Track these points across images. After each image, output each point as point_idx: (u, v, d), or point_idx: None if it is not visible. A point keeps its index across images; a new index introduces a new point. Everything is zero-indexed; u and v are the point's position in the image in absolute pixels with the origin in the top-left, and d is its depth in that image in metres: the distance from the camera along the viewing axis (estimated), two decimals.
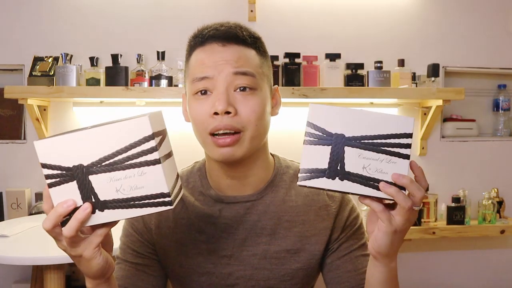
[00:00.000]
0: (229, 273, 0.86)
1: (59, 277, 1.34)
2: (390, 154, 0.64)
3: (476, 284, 2.23)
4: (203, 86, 0.78)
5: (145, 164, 0.60)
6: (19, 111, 1.99)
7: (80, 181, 0.61)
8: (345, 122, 0.64)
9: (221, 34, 0.80)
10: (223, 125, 0.76)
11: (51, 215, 0.61)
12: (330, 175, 0.64)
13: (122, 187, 0.60)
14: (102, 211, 0.61)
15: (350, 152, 0.64)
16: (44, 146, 0.62)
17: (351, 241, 0.88)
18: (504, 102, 2.21)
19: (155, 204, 0.61)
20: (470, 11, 2.15)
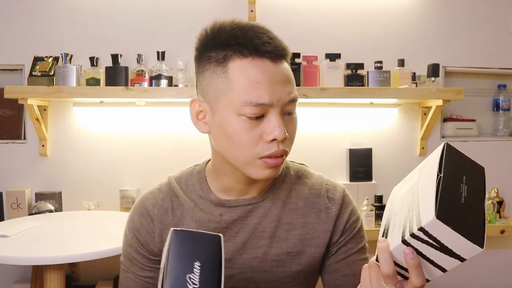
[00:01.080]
0: (229, 276, 0.85)
1: (59, 277, 1.34)
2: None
3: (476, 284, 2.23)
4: (260, 112, 0.74)
5: None
6: (19, 111, 1.99)
7: None
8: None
9: (275, 50, 0.75)
10: (280, 152, 0.76)
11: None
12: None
13: None
14: None
15: None
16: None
17: (350, 245, 0.88)
18: (504, 102, 2.20)
19: None
20: (470, 11, 2.15)
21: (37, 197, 1.92)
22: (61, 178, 1.97)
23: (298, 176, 0.90)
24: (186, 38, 1.97)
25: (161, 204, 0.87)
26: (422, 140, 2.10)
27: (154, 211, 0.87)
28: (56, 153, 1.97)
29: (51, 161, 1.97)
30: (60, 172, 1.97)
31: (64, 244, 1.33)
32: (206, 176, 0.88)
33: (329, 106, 1.99)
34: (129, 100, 1.82)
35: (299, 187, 0.89)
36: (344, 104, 1.99)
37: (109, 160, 1.98)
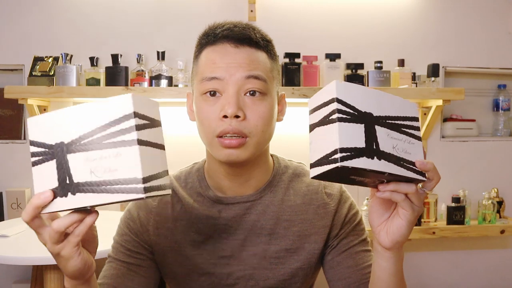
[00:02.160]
0: (228, 273, 0.86)
1: (59, 277, 1.34)
2: (409, 135, 0.64)
3: (476, 284, 2.23)
4: (213, 86, 0.77)
5: (121, 145, 0.55)
6: (19, 111, 1.99)
7: (59, 160, 0.58)
8: (371, 101, 0.62)
9: (234, 34, 0.79)
10: (231, 129, 0.75)
11: (28, 207, 0.59)
12: (370, 154, 0.59)
13: (96, 168, 0.56)
14: (74, 195, 0.57)
15: (380, 131, 0.61)
16: (34, 122, 0.60)
17: (350, 237, 0.88)
18: (504, 102, 2.21)
19: (127, 190, 0.55)
20: (470, 11, 2.15)
21: None
22: None
23: (295, 174, 0.91)
24: (186, 38, 1.97)
25: (161, 198, 0.88)
26: (422, 140, 2.10)
27: (154, 204, 0.88)
28: None
29: None
30: None
31: None
32: (205, 174, 0.89)
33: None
34: None
35: (297, 184, 0.89)
36: None
37: None
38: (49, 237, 0.61)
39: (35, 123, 0.60)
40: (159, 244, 0.87)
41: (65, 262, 0.63)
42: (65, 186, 0.58)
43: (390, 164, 0.60)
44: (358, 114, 0.60)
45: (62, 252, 0.62)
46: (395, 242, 0.69)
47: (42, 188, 0.59)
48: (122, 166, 0.55)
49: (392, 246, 0.70)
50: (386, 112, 0.63)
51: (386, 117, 0.62)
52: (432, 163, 0.63)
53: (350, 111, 0.60)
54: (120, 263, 0.85)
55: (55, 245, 0.61)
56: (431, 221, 2.00)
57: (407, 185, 0.63)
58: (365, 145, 0.59)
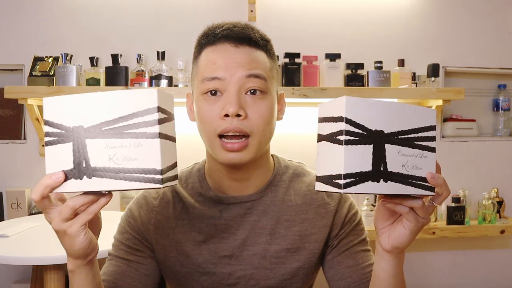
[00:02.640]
0: (229, 273, 0.86)
1: (59, 277, 1.34)
2: (422, 148, 0.63)
3: (476, 284, 2.23)
4: (214, 86, 0.77)
5: (143, 136, 0.58)
6: (19, 111, 1.99)
7: (76, 143, 0.59)
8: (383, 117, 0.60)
9: (234, 34, 0.79)
10: (232, 127, 0.75)
11: (39, 186, 0.60)
12: (376, 177, 0.59)
13: (115, 155, 0.58)
14: (90, 178, 0.59)
15: (390, 150, 0.60)
16: (51, 103, 0.60)
17: (350, 237, 0.88)
18: (504, 102, 2.21)
19: (145, 179, 0.58)
20: (470, 11, 2.15)
21: None
22: None
23: (296, 174, 0.91)
24: (186, 38, 1.98)
25: (163, 197, 0.89)
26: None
27: (155, 203, 0.88)
28: None
29: None
30: None
31: None
32: (205, 174, 0.89)
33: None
34: None
35: (297, 184, 0.90)
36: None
37: None
38: (59, 214, 0.62)
39: (52, 103, 0.60)
40: (160, 243, 0.87)
41: (70, 240, 0.64)
42: (81, 169, 0.59)
43: (396, 185, 0.60)
44: (367, 134, 0.59)
45: (69, 230, 0.63)
46: (395, 247, 0.70)
47: (54, 169, 0.60)
48: (142, 156, 0.58)
49: (392, 250, 0.71)
50: (399, 127, 0.61)
51: (399, 132, 0.61)
52: (443, 178, 0.63)
53: (359, 131, 0.58)
54: (121, 260, 0.86)
55: (64, 222, 0.62)
56: (431, 221, 2.00)
57: (412, 200, 0.64)
58: (372, 168, 0.59)
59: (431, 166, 0.64)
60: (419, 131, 0.63)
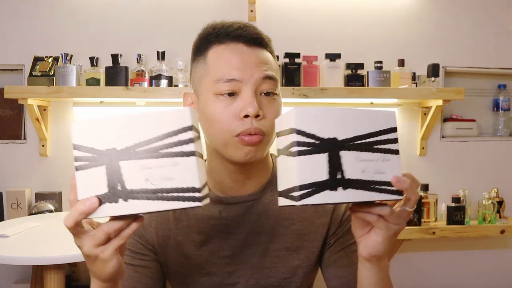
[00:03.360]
0: (230, 273, 0.86)
1: (59, 277, 1.34)
2: (383, 151, 0.61)
3: (476, 284, 2.23)
4: (231, 88, 0.77)
5: (180, 155, 0.58)
6: (19, 111, 1.99)
7: (109, 166, 0.58)
8: (335, 124, 0.59)
9: (247, 34, 0.79)
10: (253, 128, 0.76)
11: (73, 213, 0.59)
12: (333, 186, 0.58)
13: (152, 176, 0.57)
14: (126, 201, 0.58)
15: (347, 157, 0.59)
16: (79, 127, 0.59)
17: (347, 236, 0.88)
18: (504, 102, 2.21)
19: (184, 198, 0.57)
20: (470, 11, 2.15)
21: (37, 197, 1.92)
22: (61, 178, 1.97)
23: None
24: (186, 38, 1.96)
25: None
26: (422, 140, 2.10)
27: None
28: (56, 153, 1.97)
29: (51, 161, 1.97)
30: (60, 172, 1.97)
31: (64, 244, 1.33)
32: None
33: (329, 106, 1.99)
34: (129, 100, 1.82)
35: None
36: (344, 104, 1.99)
37: None
38: (92, 239, 0.61)
39: (81, 127, 0.59)
40: (161, 245, 0.87)
41: (102, 265, 0.63)
42: (116, 193, 0.58)
43: (357, 192, 0.59)
44: (320, 142, 0.58)
45: (102, 255, 0.61)
46: (372, 256, 0.68)
47: (87, 194, 0.59)
48: (179, 175, 0.58)
49: (370, 259, 0.69)
50: (355, 132, 0.60)
51: (355, 138, 0.60)
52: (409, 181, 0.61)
53: (311, 141, 0.58)
54: (126, 266, 0.85)
55: (96, 248, 0.61)
56: (431, 221, 2.00)
57: (380, 207, 0.62)
58: (328, 177, 0.58)
59: (395, 169, 0.61)
60: (378, 134, 0.61)
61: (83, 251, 0.63)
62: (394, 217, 0.63)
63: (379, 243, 0.66)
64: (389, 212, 0.62)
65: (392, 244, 0.67)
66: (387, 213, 0.62)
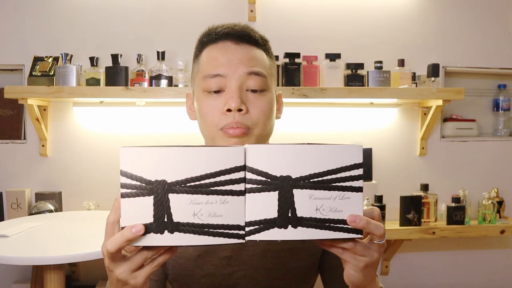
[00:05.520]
0: (229, 274, 0.86)
1: (59, 277, 1.34)
2: (342, 189, 0.60)
3: (476, 284, 2.23)
4: (216, 83, 0.79)
5: (230, 193, 0.59)
6: (19, 111, 1.99)
7: (158, 197, 0.58)
8: (289, 161, 0.59)
9: (235, 32, 0.81)
10: (235, 122, 0.78)
11: (118, 238, 0.58)
12: (282, 224, 0.58)
13: (200, 211, 0.59)
14: (171, 233, 0.58)
15: (300, 195, 0.59)
16: (130, 154, 0.58)
17: None
18: (504, 102, 2.21)
19: (229, 235, 0.59)
20: (470, 11, 2.15)
21: (37, 197, 1.92)
22: (61, 178, 1.97)
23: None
24: (186, 38, 1.98)
25: None
26: (422, 140, 2.10)
27: None
28: (56, 153, 1.97)
29: (51, 161, 1.97)
30: (60, 172, 1.97)
31: (64, 244, 1.33)
32: None
33: (329, 106, 1.99)
34: (129, 100, 1.82)
35: None
36: (344, 104, 1.99)
37: (109, 160, 1.98)
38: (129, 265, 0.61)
39: (130, 154, 0.58)
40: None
41: None
42: (162, 224, 0.58)
43: (309, 230, 0.58)
44: (271, 180, 0.58)
45: (134, 281, 0.62)
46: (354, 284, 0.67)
47: (131, 222, 0.58)
48: (227, 212, 0.59)
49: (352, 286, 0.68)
50: (311, 170, 0.59)
51: (310, 176, 0.59)
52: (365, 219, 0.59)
53: (262, 178, 0.58)
54: None
55: (131, 273, 0.61)
56: (431, 221, 2.00)
57: (342, 242, 0.61)
58: (278, 215, 0.58)
59: (355, 207, 0.60)
60: (338, 171, 0.60)
61: (115, 276, 0.62)
62: (360, 249, 0.61)
63: (354, 275, 0.65)
64: (352, 246, 0.61)
65: (370, 276, 0.65)
66: (350, 246, 0.61)
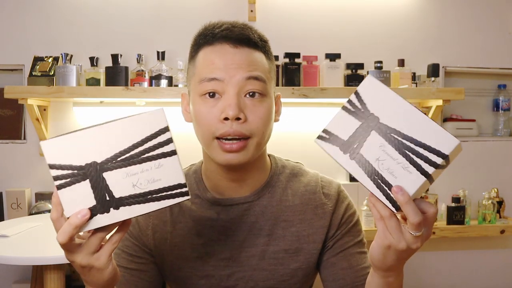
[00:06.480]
0: (228, 275, 0.86)
1: (59, 277, 1.34)
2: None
3: (476, 284, 2.23)
4: (212, 88, 0.76)
5: (162, 156, 0.60)
6: (19, 111, 1.99)
7: (93, 180, 0.58)
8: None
9: (233, 35, 0.78)
10: (232, 131, 0.75)
11: (66, 228, 0.58)
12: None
13: (139, 181, 0.59)
14: (117, 209, 0.59)
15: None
16: (51, 146, 0.58)
17: (346, 238, 0.88)
18: (504, 102, 2.21)
19: (173, 195, 0.60)
20: (470, 11, 2.15)
21: (37, 197, 1.92)
22: None
23: (293, 174, 0.91)
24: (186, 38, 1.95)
25: None
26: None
27: None
28: None
29: None
30: None
31: None
32: (202, 175, 0.89)
33: (329, 106, 1.99)
34: (129, 100, 1.82)
35: (295, 184, 0.89)
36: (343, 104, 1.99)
37: None
38: (86, 249, 0.61)
39: (51, 146, 0.57)
40: (159, 248, 0.87)
41: (98, 274, 0.63)
42: (105, 203, 0.59)
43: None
44: (364, 112, 0.57)
45: (97, 263, 0.62)
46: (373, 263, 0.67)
47: (75, 209, 0.59)
48: (165, 175, 0.60)
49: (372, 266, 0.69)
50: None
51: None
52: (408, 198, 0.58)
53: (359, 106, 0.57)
54: (123, 270, 0.85)
55: (91, 256, 0.61)
56: None
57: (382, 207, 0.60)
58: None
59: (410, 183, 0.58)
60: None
61: (77, 263, 0.62)
62: (391, 225, 0.60)
63: (375, 250, 0.65)
64: (387, 215, 0.60)
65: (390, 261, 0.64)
66: (385, 215, 0.60)
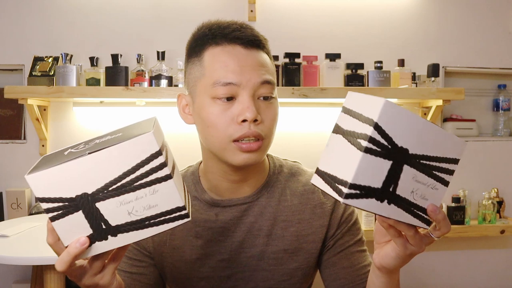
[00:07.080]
0: (228, 276, 0.86)
1: (59, 277, 1.34)
2: (437, 180, 0.59)
3: (476, 284, 2.23)
4: (228, 92, 0.76)
5: (156, 182, 0.57)
6: (19, 111, 1.99)
7: (86, 210, 0.56)
8: (413, 134, 0.54)
9: (245, 36, 0.78)
10: (251, 132, 0.75)
11: (65, 257, 0.57)
12: (381, 197, 0.55)
13: (134, 209, 0.57)
14: (115, 236, 0.57)
15: (407, 173, 0.55)
16: (38, 179, 0.54)
17: (346, 237, 0.88)
18: (504, 102, 2.20)
19: (172, 219, 0.58)
20: (470, 11, 2.15)
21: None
22: None
23: (291, 173, 0.91)
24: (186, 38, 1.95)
25: None
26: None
27: None
28: None
29: None
30: None
31: None
32: (200, 177, 0.89)
33: (329, 106, 1.99)
34: (129, 100, 1.82)
35: (293, 184, 0.89)
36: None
37: None
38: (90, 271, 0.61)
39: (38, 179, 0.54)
40: (158, 251, 0.87)
41: None
42: (102, 231, 0.58)
43: (398, 210, 0.57)
44: (391, 148, 0.53)
45: (102, 281, 0.62)
46: (383, 267, 0.69)
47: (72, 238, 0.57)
48: (161, 200, 0.58)
49: (380, 268, 0.70)
50: (425, 150, 0.56)
51: (422, 156, 0.56)
52: (444, 214, 0.61)
53: (385, 143, 0.53)
54: (124, 274, 0.85)
55: (95, 276, 0.62)
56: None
57: (406, 227, 0.61)
58: (381, 186, 0.54)
59: (438, 199, 0.60)
60: (443, 160, 0.58)
61: (82, 283, 0.63)
62: (416, 240, 0.63)
63: (391, 258, 0.66)
64: (412, 234, 0.62)
65: (404, 263, 0.67)
66: (411, 233, 0.62)
